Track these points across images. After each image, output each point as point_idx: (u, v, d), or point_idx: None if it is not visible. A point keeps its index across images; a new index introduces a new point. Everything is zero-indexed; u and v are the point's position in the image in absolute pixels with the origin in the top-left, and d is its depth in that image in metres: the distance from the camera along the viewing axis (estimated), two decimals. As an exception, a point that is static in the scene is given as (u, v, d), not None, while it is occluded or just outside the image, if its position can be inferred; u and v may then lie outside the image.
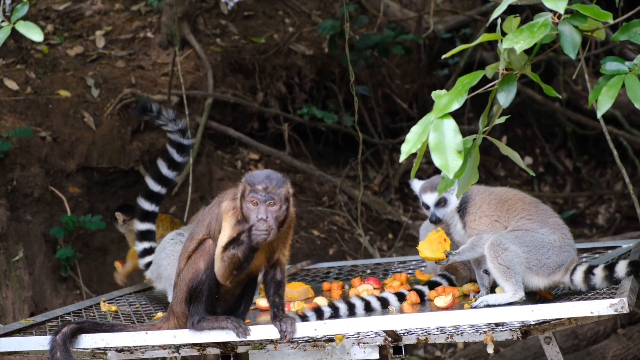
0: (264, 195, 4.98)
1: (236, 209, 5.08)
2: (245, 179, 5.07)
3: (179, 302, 5.29)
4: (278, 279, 5.23)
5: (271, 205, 4.99)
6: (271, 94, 10.78)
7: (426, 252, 5.59)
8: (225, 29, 10.86)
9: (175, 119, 6.89)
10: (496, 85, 3.77)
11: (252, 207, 4.99)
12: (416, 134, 3.64)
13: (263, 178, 5.03)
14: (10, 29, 4.11)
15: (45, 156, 8.93)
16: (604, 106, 3.82)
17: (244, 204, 5.03)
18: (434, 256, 5.59)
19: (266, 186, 4.99)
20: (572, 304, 4.91)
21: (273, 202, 4.99)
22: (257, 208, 4.98)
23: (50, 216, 8.86)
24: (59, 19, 10.58)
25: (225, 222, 5.10)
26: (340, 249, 10.06)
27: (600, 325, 8.68)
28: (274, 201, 4.99)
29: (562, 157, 12.41)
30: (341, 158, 11.20)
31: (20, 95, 9.23)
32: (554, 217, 5.68)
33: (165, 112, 6.88)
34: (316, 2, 11.69)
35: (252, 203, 4.99)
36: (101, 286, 8.95)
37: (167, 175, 6.96)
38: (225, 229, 5.08)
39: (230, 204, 5.12)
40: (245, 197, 5.01)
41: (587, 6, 3.67)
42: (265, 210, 4.98)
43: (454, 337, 5.59)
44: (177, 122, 6.90)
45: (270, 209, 4.99)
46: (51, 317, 6.08)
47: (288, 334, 5.08)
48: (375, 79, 11.51)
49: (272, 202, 4.99)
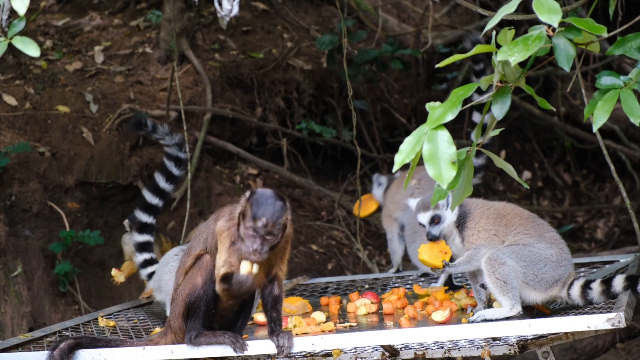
0: (264, 230, 4.95)
1: (231, 230, 5.05)
2: (248, 202, 4.99)
3: (176, 317, 5.28)
4: (275, 294, 5.22)
5: (268, 240, 4.98)
6: (270, 109, 10.78)
7: (425, 256, 5.59)
8: (224, 44, 10.88)
9: (171, 132, 6.93)
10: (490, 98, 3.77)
11: (250, 235, 4.96)
12: (410, 145, 3.65)
13: (266, 212, 4.94)
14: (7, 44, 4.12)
15: (44, 171, 8.92)
16: (599, 120, 3.83)
17: (242, 224, 5.00)
18: (432, 262, 5.58)
19: (267, 223, 4.94)
20: (569, 319, 4.91)
21: (271, 237, 4.98)
22: (254, 239, 4.95)
23: (49, 231, 8.85)
24: (58, 34, 10.60)
25: (220, 243, 5.08)
26: (338, 264, 10.05)
27: (599, 340, 8.67)
28: (272, 236, 4.98)
29: (561, 172, 12.42)
30: (340, 173, 11.20)
31: (19, 111, 9.23)
32: (551, 231, 5.68)
33: (160, 127, 6.93)
34: (315, 17, 11.71)
35: (251, 233, 4.96)
36: (100, 301, 8.94)
37: (164, 188, 7.00)
38: (221, 251, 5.06)
39: (225, 225, 5.09)
40: (245, 221, 4.98)
41: (582, 19, 3.68)
42: (262, 242, 4.96)
43: (451, 351, 5.59)
44: (173, 136, 6.94)
45: (267, 240, 4.97)
46: (49, 332, 6.09)
47: (285, 349, 5.08)
48: (374, 94, 11.52)
49: (270, 237, 4.98)
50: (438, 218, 5.66)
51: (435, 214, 5.66)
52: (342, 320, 5.89)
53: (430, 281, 7.01)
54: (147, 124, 6.92)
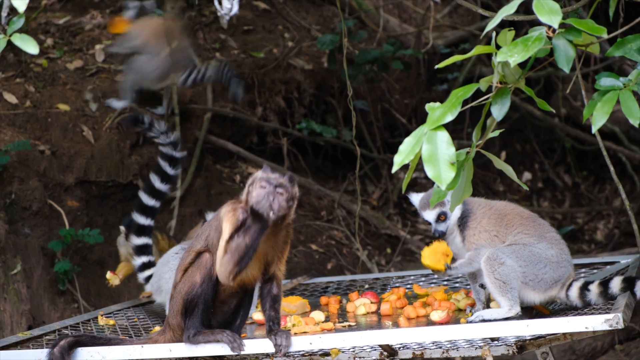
0: (275, 182, 4.96)
1: (236, 211, 5.05)
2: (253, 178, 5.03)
3: (175, 315, 5.28)
4: (274, 293, 5.21)
5: (280, 195, 4.97)
6: (270, 109, 10.78)
7: (428, 260, 5.59)
8: (225, 44, 10.88)
9: (166, 131, 6.92)
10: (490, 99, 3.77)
11: (261, 191, 4.96)
12: (409, 145, 3.65)
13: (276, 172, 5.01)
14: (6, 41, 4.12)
15: (44, 170, 8.92)
16: (599, 121, 3.83)
17: (252, 191, 5.00)
18: (434, 266, 5.58)
19: (278, 176, 4.97)
20: (567, 319, 4.91)
21: (282, 191, 4.97)
22: (266, 191, 4.95)
23: (49, 230, 8.85)
24: (59, 32, 10.59)
25: (225, 223, 5.04)
26: (338, 264, 10.05)
27: (598, 341, 8.66)
28: (284, 189, 4.98)
29: (561, 173, 12.41)
30: (340, 173, 11.20)
31: (19, 109, 9.23)
32: (552, 232, 5.67)
33: (157, 125, 6.92)
34: (315, 17, 11.71)
35: (261, 187, 4.96)
36: (99, 300, 8.93)
37: (160, 188, 6.97)
38: (226, 228, 5.04)
39: (230, 207, 5.08)
40: (255, 184, 4.99)
41: (582, 20, 3.68)
42: (274, 194, 4.95)
43: (449, 351, 5.59)
44: (168, 134, 6.92)
45: (278, 197, 4.97)
46: (48, 330, 6.09)
47: (283, 348, 5.08)
48: (375, 94, 11.52)
49: (281, 191, 4.97)
50: (444, 215, 5.65)
51: (441, 211, 5.64)
52: (342, 319, 5.89)
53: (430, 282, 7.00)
54: (143, 120, 6.92)
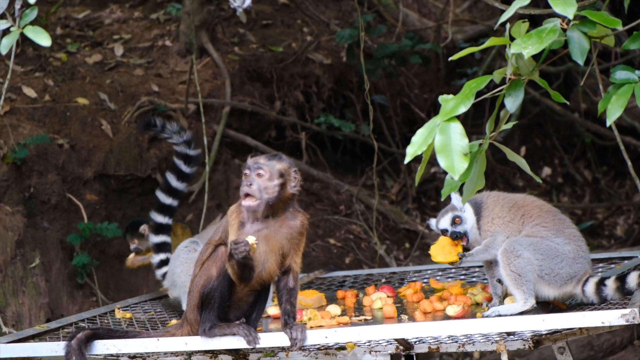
0: (252, 164, 4.98)
1: (239, 211, 5.07)
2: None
3: (191, 309, 5.28)
4: (290, 287, 5.20)
5: (259, 176, 4.98)
6: (289, 103, 10.78)
7: (439, 256, 5.55)
8: (244, 38, 10.89)
9: (179, 130, 6.96)
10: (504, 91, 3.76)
11: (243, 180, 4.99)
12: (422, 137, 3.65)
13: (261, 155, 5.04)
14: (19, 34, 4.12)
15: (63, 163, 8.96)
16: (613, 115, 3.81)
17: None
18: (447, 259, 5.54)
19: (256, 158, 5.00)
20: (583, 314, 4.89)
21: (262, 172, 4.98)
22: (244, 180, 4.98)
23: (67, 223, 8.88)
24: (78, 27, 10.63)
25: (230, 226, 5.10)
26: (356, 258, 10.05)
27: (616, 337, 8.63)
28: (262, 170, 4.98)
29: (581, 168, 12.36)
30: (358, 167, 11.20)
31: (38, 103, 9.27)
32: (571, 228, 5.62)
33: (169, 125, 6.97)
34: (335, 11, 11.70)
35: (244, 176, 4.99)
36: (118, 293, 8.96)
37: (177, 187, 7.01)
38: (231, 234, 5.09)
39: (235, 207, 5.12)
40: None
41: (597, 12, 3.66)
42: (253, 179, 4.97)
43: (465, 346, 5.57)
44: (181, 134, 6.97)
45: (258, 179, 4.98)
46: (65, 323, 6.11)
47: (299, 342, 5.06)
48: (394, 88, 11.50)
49: (260, 172, 4.98)
50: (459, 218, 5.61)
51: (455, 214, 5.61)
52: (358, 313, 5.88)
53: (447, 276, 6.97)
54: (156, 123, 6.97)
